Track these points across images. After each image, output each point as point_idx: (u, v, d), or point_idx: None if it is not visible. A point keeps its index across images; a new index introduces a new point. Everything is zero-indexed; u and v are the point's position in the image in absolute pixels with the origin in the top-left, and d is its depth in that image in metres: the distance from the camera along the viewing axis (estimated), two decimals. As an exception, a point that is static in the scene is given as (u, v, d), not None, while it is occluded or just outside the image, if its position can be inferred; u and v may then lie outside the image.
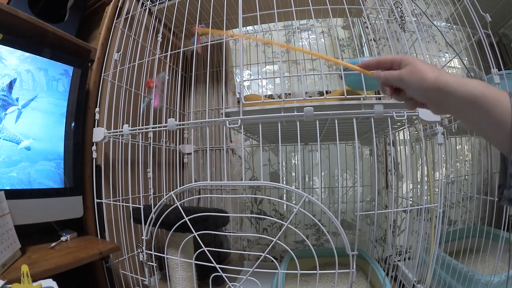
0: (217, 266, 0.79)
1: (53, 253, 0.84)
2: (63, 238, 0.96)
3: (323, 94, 0.88)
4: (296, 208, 0.74)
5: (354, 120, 0.79)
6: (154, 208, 0.87)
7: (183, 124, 1.10)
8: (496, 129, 0.34)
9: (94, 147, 1.08)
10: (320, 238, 1.61)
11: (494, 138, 0.36)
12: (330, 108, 0.79)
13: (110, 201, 1.09)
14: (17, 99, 0.89)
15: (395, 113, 0.78)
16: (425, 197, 0.92)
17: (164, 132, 1.39)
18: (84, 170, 1.08)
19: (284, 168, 1.65)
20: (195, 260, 0.86)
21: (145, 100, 1.11)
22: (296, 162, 1.63)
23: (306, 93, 1.45)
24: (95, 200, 1.07)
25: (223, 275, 0.81)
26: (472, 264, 1.15)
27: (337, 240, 1.53)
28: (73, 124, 1.04)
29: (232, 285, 0.81)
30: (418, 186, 1.16)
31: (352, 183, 1.59)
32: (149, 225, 0.89)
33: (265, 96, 1.65)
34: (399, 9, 0.94)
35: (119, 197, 1.10)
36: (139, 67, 1.15)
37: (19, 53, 0.90)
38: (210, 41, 1.24)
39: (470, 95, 0.36)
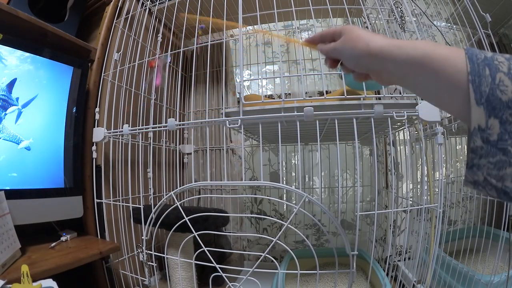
0: (217, 266, 0.79)
1: (53, 253, 0.84)
2: (63, 238, 0.96)
3: (323, 94, 0.88)
4: (296, 208, 0.74)
5: (354, 120, 0.79)
6: (154, 208, 0.87)
7: (183, 124, 1.10)
8: (448, 93, 0.28)
9: (94, 147, 1.08)
10: (320, 238, 1.61)
11: (449, 105, 0.30)
12: (330, 108, 0.79)
13: (110, 201, 1.09)
14: (17, 99, 0.89)
15: (395, 113, 0.78)
16: (425, 197, 0.92)
17: (164, 132, 1.39)
18: (84, 170, 1.08)
19: (284, 168, 1.65)
20: (195, 260, 0.86)
21: (147, 79, 1.11)
22: (296, 162, 1.63)
23: (306, 93, 1.45)
24: (95, 200, 1.07)
25: (223, 275, 0.81)
26: (472, 264, 1.15)
27: (337, 240, 1.54)
28: (73, 124, 1.04)
29: (232, 285, 0.81)
30: (418, 186, 1.16)
31: (352, 183, 1.59)
32: (149, 225, 0.89)
33: (265, 96, 1.65)
34: (399, 9, 0.94)
35: (119, 197, 1.10)
36: (139, 67, 1.15)
37: (19, 53, 0.90)
38: (210, 41, 1.24)
39: (409, 58, 0.31)
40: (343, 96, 0.82)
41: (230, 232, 1.50)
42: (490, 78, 0.25)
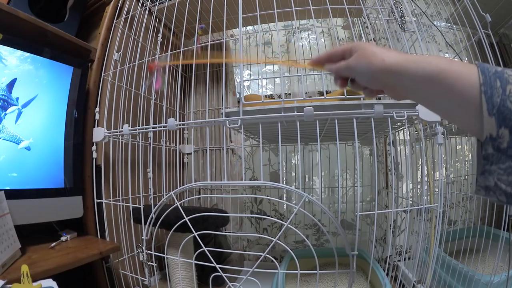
0: (217, 266, 0.79)
1: (53, 253, 0.84)
2: (63, 238, 0.96)
3: (323, 94, 0.88)
4: (296, 208, 0.74)
5: (354, 120, 0.79)
6: (154, 208, 0.87)
7: (183, 124, 1.10)
8: (461, 108, 0.29)
9: (94, 147, 1.08)
10: (320, 238, 1.61)
11: (461, 120, 0.31)
12: (330, 108, 0.79)
13: (110, 201, 1.09)
14: (17, 99, 0.89)
15: (395, 113, 0.78)
16: (425, 197, 0.92)
17: (164, 132, 1.39)
18: (84, 170, 1.08)
19: (284, 168, 1.65)
20: (195, 260, 0.86)
21: (147, 82, 1.11)
22: (296, 162, 1.63)
23: (306, 93, 1.45)
24: (95, 200, 1.07)
25: (223, 275, 0.81)
26: (472, 264, 1.15)
27: (337, 240, 1.54)
28: (73, 124, 1.04)
29: (232, 285, 0.81)
30: (418, 186, 1.16)
31: (352, 183, 1.59)
32: (149, 225, 0.89)
33: (265, 96, 1.65)
34: (399, 9, 0.94)
35: (119, 197, 1.10)
36: (139, 67, 1.15)
37: (19, 53, 0.90)
38: (210, 41, 1.24)
39: (425, 73, 0.31)
40: (343, 96, 0.82)
41: (230, 232, 1.50)
42: (501, 89, 0.26)
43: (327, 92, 0.95)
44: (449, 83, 0.30)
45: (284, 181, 1.66)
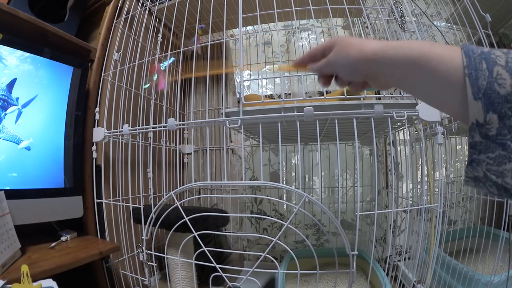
0: (217, 266, 0.79)
1: (53, 253, 0.84)
2: (63, 238, 0.96)
3: (323, 94, 0.88)
4: (296, 208, 0.74)
5: (354, 120, 0.79)
6: (154, 208, 0.87)
7: (183, 124, 1.10)
8: (445, 93, 0.28)
9: (94, 147, 1.08)
10: (320, 238, 1.61)
11: (447, 106, 0.29)
12: (330, 108, 0.79)
13: (110, 201, 1.09)
14: (17, 99, 0.89)
15: (395, 113, 0.78)
16: (425, 197, 0.92)
17: (164, 132, 1.39)
18: (84, 170, 1.08)
19: (284, 168, 1.65)
20: (195, 260, 0.86)
21: (148, 83, 1.11)
22: (296, 162, 1.63)
23: (306, 93, 1.45)
24: (95, 200, 1.07)
25: (223, 275, 0.81)
26: (472, 264, 1.15)
27: (337, 240, 1.54)
28: (73, 124, 1.04)
29: (232, 285, 0.81)
30: (418, 186, 1.16)
31: (352, 183, 1.59)
32: (149, 225, 0.89)
33: (265, 96, 1.65)
34: (399, 9, 0.94)
35: (119, 197, 1.10)
36: (139, 67, 1.15)
37: (19, 53, 0.90)
38: (210, 41, 1.24)
39: (406, 58, 0.30)
40: (343, 96, 0.82)
41: (230, 232, 1.50)
42: (488, 71, 0.24)
43: (327, 92, 0.95)
44: (431, 67, 0.28)
45: (284, 181, 1.66)
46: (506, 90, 0.23)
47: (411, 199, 1.09)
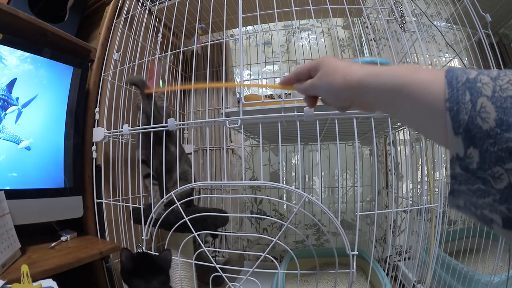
0: (217, 266, 0.79)
1: (53, 253, 0.84)
2: (63, 238, 0.96)
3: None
4: (296, 208, 0.74)
5: (354, 120, 0.79)
6: (154, 208, 0.87)
7: (183, 124, 1.10)
8: (428, 123, 0.27)
9: (94, 147, 1.08)
10: (320, 238, 1.61)
11: (432, 135, 0.28)
12: (330, 108, 0.79)
13: (110, 201, 1.09)
14: (17, 99, 0.89)
15: (395, 113, 0.78)
16: (425, 197, 0.92)
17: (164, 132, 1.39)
18: (84, 170, 1.08)
19: (284, 168, 1.65)
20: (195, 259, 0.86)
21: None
22: (296, 162, 1.64)
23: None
24: (95, 200, 1.07)
25: (223, 275, 0.81)
26: (472, 264, 1.15)
27: (337, 240, 1.54)
28: (73, 124, 1.04)
29: (232, 285, 0.81)
30: (418, 186, 1.16)
31: (352, 183, 1.59)
32: (149, 225, 0.89)
33: (265, 96, 1.65)
34: (399, 9, 0.94)
35: (119, 197, 1.10)
36: (139, 67, 1.15)
37: (19, 53, 0.90)
38: (210, 41, 1.24)
39: (387, 87, 0.29)
40: (343, 96, 0.82)
41: (230, 232, 1.51)
42: (471, 104, 0.23)
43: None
44: (414, 98, 0.27)
45: (284, 181, 1.66)
46: (489, 125, 0.22)
47: (411, 199, 1.09)
